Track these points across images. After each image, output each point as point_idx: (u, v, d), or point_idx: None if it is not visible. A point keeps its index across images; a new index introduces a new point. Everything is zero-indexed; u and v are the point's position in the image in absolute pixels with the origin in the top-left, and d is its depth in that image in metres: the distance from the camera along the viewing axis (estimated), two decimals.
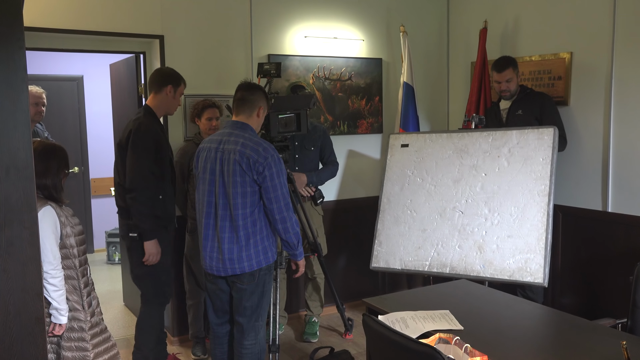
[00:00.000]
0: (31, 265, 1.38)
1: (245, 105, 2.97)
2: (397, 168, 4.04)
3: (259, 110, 3.01)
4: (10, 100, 1.34)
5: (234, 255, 2.89)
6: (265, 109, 3.06)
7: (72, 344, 2.62)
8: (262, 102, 3.02)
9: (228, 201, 2.86)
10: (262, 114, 3.03)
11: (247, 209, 2.87)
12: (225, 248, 2.89)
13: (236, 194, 2.85)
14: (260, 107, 3.00)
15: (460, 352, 2.01)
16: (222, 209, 2.87)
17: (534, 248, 3.41)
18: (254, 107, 2.98)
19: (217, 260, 2.93)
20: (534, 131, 3.61)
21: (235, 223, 2.86)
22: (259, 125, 3.07)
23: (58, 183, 2.62)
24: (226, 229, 2.88)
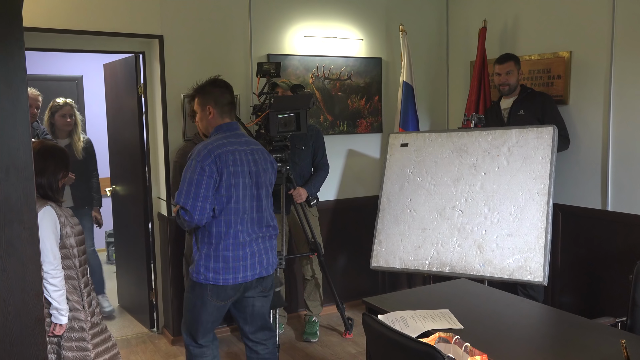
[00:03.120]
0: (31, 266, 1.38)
1: (234, 106, 2.90)
2: (397, 167, 4.04)
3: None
4: (9, 100, 1.34)
5: (272, 255, 2.88)
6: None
7: (72, 344, 2.62)
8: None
9: (260, 202, 2.80)
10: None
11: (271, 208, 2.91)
12: (272, 247, 2.87)
13: (268, 193, 2.86)
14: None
15: (460, 351, 2.01)
16: (256, 211, 2.79)
17: (533, 247, 3.41)
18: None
19: (267, 261, 2.84)
20: (534, 130, 3.61)
21: (268, 223, 2.85)
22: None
23: (55, 183, 2.62)
24: (267, 229, 2.85)
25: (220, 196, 2.66)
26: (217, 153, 2.65)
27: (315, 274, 4.25)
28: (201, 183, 2.61)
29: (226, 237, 2.69)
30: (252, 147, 2.82)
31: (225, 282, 2.70)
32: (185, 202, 2.60)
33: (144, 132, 4.33)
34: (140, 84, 4.27)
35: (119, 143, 4.69)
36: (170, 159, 4.07)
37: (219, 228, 2.68)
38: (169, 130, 4.07)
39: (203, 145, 2.70)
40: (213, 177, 2.62)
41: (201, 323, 2.79)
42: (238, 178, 2.69)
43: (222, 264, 2.69)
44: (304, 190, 3.98)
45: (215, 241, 2.69)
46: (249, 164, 2.75)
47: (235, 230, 2.70)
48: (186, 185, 2.62)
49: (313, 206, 4.12)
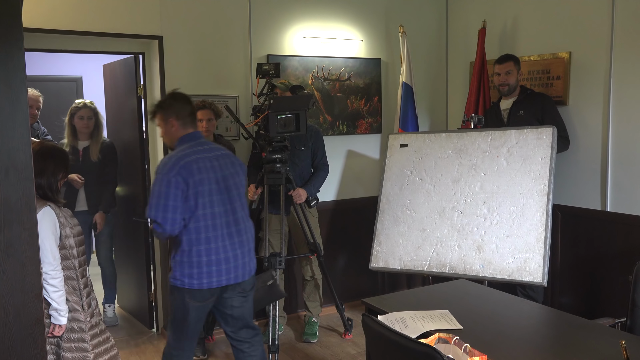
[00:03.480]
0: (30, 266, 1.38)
1: (195, 117, 2.97)
2: (397, 168, 4.04)
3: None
4: (9, 101, 1.34)
5: (249, 259, 2.93)
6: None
7: (72, 345, 2.62)
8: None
9: (232, 205, 2.85)
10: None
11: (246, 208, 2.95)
12: (249, 250, 2.93)
13: (240, 195, 2.91)
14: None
15: (460, 351, 2.01)
16: (228, 215, 2.84)
17: (533, 247, 3.41)
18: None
19: (243, 266, 2.88)
20: (533, 131, 3.61)
21: (241, 225, 2.90)
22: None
23: (54, 184, 2.62)
24: (243, 231, 2.90)
25: (189, 205, 2.72)
26: (181, 164, 2.72)
27: (315, 275, 4.24)
28: (169, 195, 2.68)
29: (197, 243, 2.75)
30: (217, 153, 2.89)
31: (200, 286, 2.77)
32: (156, 215, 2.68)
33: (143, 133, 4.33)
34: (140, 84, 4.27)
35: (118, 144, 4.68)
36: None
37: (189, 235, 2.75)
38: None
39: (167, 158, 2.79)
40: (180, 188, 2.69)
41: (186, 323, 2.86)
42: (204, 185, 2.75)
43: (196, 269, 2.75)
44: (304, 191, 3.98)
45: (187, 248, 2.75)
46: (215, 170, 2.81)
47: (207, 236, 2.76)
48: (155, 198, 2.70)
49: (313, 207, 4.12)
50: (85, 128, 4.31)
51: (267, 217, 3.86)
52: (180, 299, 2.82)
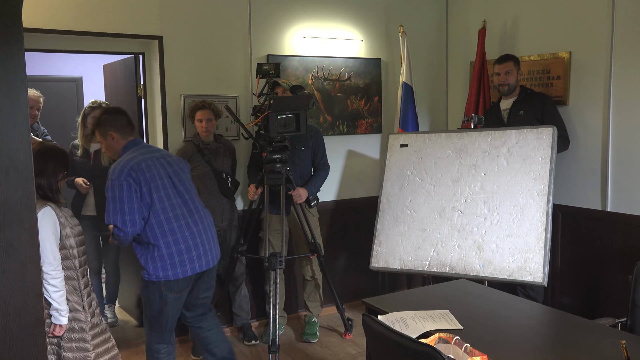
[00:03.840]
0: (31, 266, 1.38)
1: (133, 125, 3.11)
2: (397, 168, 4.04)
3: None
4: (9, 101, 1.34)
5: (214, 245, 3.12)
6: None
7: (72, 345, 2.62)
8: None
9: (187, 196, 3.00)
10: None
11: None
12: (212, 237, 3.09)
13: (191, 186, 3.08)
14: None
15: (460, 351, 2.01)
16: (185, 205, 2.99)
17: (533, 247, 3.41)
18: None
19: (210, 252, 3.05)
20: (533, 131, 3.61)
21: (200, 214, 3.05)
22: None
23: (54, 184, 2.63)
24: (203, 219, 3.05)
25: (146, 202, 2.85)
26: (130, 166, 2.85)
27: (315, 275, 4.24)
28: (123, 198, 2.79)
29: (163, 236, 2.87)
30: (162, 153, 3.09)
31: (176, 276, 2.89)
32: (115, 219, 2.79)
33: (143, 133, 4.33)
34: (140, 84, 4.27)
35: None
36: None
37: (153, 231, 2.86)
38: (169, 131, 4.07)
39: (116, 164, 2.89)
40: (133, 188, 2.81)
41: (166, 316, 2.97)
42: (156, 181, 2.88)
43: (169, 261, 2.88)
44: (304, 191, 3.98)
45: (155, 242, 2.86)
46: (164, 167, 2.97)
47: (171, 227, 2.89)
48: (111, 204, 2.80)
49: (313, 207, 4.12)
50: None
51: (267, 217, 3.86)
52: (157, 294, 2.91)
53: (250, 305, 4.30)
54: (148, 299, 2.96)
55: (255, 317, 4.44)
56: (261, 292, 4.43)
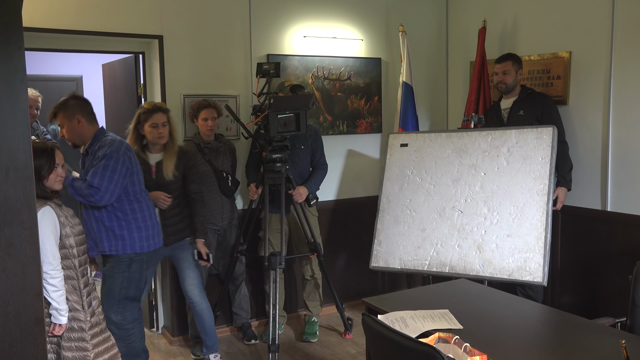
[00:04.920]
0: (31, 266, 1.38)
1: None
2: (397, 168, 4.04)
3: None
4: (9, 100, 1.34)
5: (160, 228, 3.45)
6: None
7: (72, 344, 2.62)
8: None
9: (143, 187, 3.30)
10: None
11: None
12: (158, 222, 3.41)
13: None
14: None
15: (460, 351, 2.01)
16: (146, 192, 3.30)
17: (533, 247, 3.41)
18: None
19: (159, 235, 3.35)
20: (533, 131, 3.61)
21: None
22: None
23: None
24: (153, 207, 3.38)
25: (132, 179, 3.14)
26: (127, 145, 3.16)
27: (315, 274, 4.25)
28: (116, 170, 3.02)
29: (141, 210, 3.19)
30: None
31: (155, 246, 3.24)
32: (100, 183, 2.98)
33: None
34: (140, 84, 4.27)
35: None
36: None
37: (138, 204, 3.18)
38: None
39: (113, 139, 3.10)
40: (126, 165, 3.08)
41: (138, 289, 3.24)
42: (136, 166, 3.20)
43: (149, 232, 3.20)
44: (305, 189, 3.98)
45: (140, 214, 3.17)
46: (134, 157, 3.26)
47: (147, 204, 3.24)
48: (102, 170, 2.99)
49: (313, 206, 4.12)
50: (160, 139, 3.50)
51: (267, 217, 3.86)
52: (136, 267, 3.17)
53: (250, 305, 4.30)
54: (123, 276, 3.19)
55: (255, 316, 4.44)
56: (261, 291, 4.43)
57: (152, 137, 3.50)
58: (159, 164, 3.53)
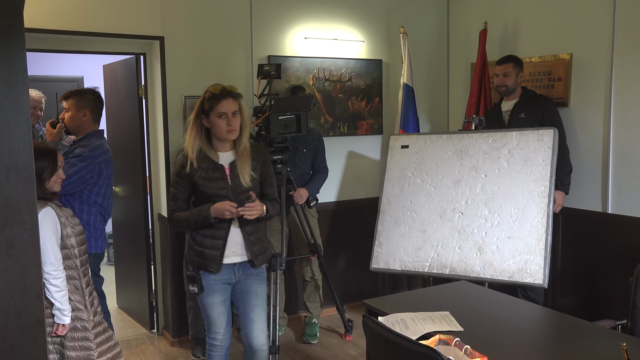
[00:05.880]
0: (31, 267, 1.38)
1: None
2: (397, 169, 4.04)
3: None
4: (10, 101, 1.34)
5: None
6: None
7: (75, 344, 2.62)
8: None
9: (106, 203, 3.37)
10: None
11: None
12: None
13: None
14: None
15: (460, 353, 2.01)
16: (104, 209, 3.37)
17: (533, 249, 3.41)
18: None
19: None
20: (534, 132, 3.61)
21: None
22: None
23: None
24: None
25: (92, 190, 3.26)
26: (105, 158, 3.27)
27: (315, 276, 4.24)
28: (80, 172, 3.16)
29: (88, 215, 3.30)
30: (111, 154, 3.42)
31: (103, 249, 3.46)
32: (67, 171, 3.00)
33: (144, 133, 4.33)
34: (141, 85, 4.27)
35: (118, 144, 4.69)
36: (170, 160, 4.07)
37: (87, 209, 3.30)
38: (170, 131, 4.07)
39: (99, 145, 3.23)
40: (92, 175, 3.22)
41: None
42: (105, 180, 3.29)
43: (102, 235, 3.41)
44: (305, 191, 3.98)
45: (86, 219, 3.29)
46: (111, 167, 3.36)
47: (96, 215, 3.32)
48: (72, 166, 3.10)
49: (312, 207, 4.12)
50: (229, 133, 2.71)
51: None
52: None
53: None
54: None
55: None
56: None
57: (219, 132, 2.66)
58: (233, 165, 2.72)
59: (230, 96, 2.67)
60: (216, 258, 2.72)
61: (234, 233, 2.73)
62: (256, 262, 2.79)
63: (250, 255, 2.77)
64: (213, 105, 2.66)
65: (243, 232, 2.74)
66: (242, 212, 2.60)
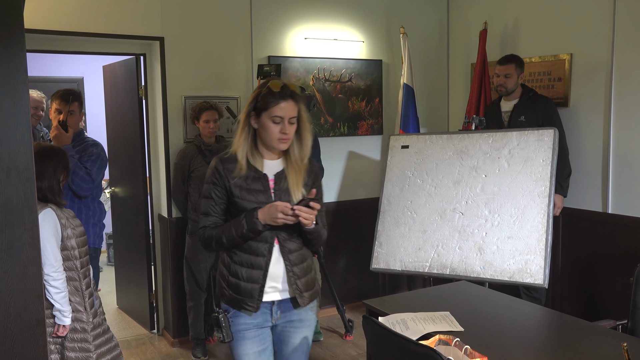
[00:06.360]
0: (32, 267, 1.38)
1: None
2: (398, 169, 4.04)
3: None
4: (10, 102, 1.34)
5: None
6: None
7: (75, 345, 2.62)
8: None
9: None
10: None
11: None
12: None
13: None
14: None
15: (460, 353, 2.01)
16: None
17: (534, 249, 3.41)
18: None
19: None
20: (534, 132, 3.61)
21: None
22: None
23: (55, 185, 2.62)
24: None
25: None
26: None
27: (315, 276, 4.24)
28: (102, 168, 3.58)
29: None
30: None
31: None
32: (94, 174, 3.51)
33: (144, 134, 4.33)
34: (141, 85, 4.27)
35: (119, 144, 4.69)
36: (170, 161, 4.07)
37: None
38: (170, 131, 4.07)
39: (99, 145, 3.55)
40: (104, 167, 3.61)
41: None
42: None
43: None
44: None
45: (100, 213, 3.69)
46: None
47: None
48: (97, 165, 3.49)
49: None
50: (281, 142, 2.22)
51: None
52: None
53: None
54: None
55: None
56: None
57: (269, 138, 2.16)
58: (280, 177, 2.21)
59: (291, 98, 2.15)
60: (254, 293, 2.15)
61: (276, 262, 2.17)
62: (300, 301, 2.20)
63: (293, 291, 2.19)
64: (268, 105, 2.14)
65: (286, 261, 2.18)
66: (299, 213, 2.06)
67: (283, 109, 2.12)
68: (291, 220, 2.08)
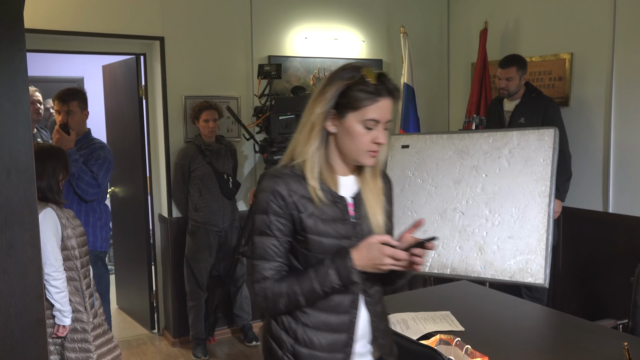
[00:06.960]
0: (32, 267, 1.38)
1: None
2: (398, 169, 4.04)
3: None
4: (10, 102, 1.34)
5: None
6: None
7: (75, 345, 2.62)
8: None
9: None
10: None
11: None
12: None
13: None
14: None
15: (461, 353, 2.01)
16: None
17: (534, 249, 3.40)
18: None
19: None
20: (535, 132, 3.60)
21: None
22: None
23: (55, 185, 2.62)
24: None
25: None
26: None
27: None
28: (108, 172, 3.45)
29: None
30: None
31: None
32: (103, 181, 3.43)
33: (144, 134, 4.33)
34: (141, 85, 4.27)
35: (119, 144, 4.69)
36: (171, 160, 4.07)
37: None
38: (170, 131, 4.07)
39: (105, 146, 3.45)
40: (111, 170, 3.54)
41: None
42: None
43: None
44: None
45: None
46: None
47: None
48: (103, 169, 3.37)
49: None
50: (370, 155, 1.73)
51: None
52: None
53: (251, 306, 4.29)
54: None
55: (254, 317, 4.43)
56: None
57: (357, 148, 1.57)
58: (358, 198, 1.65)
59: (391, 96, 1.57)
60: None
61: (362, 320, 1.59)
62: None
63: (379, 352, 1.64)
64: (361, 103, 1.54)
65: (373, 317, 1.61)
66: (415, 260, 1.53)
67: (381, 110, 1.52)
68: (401, 267, 1.52)
